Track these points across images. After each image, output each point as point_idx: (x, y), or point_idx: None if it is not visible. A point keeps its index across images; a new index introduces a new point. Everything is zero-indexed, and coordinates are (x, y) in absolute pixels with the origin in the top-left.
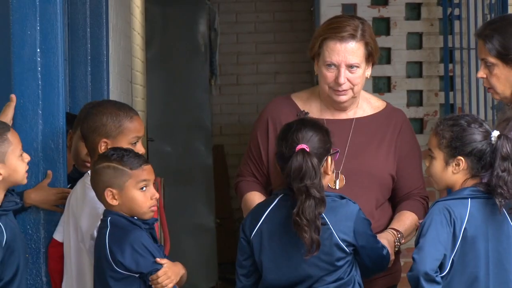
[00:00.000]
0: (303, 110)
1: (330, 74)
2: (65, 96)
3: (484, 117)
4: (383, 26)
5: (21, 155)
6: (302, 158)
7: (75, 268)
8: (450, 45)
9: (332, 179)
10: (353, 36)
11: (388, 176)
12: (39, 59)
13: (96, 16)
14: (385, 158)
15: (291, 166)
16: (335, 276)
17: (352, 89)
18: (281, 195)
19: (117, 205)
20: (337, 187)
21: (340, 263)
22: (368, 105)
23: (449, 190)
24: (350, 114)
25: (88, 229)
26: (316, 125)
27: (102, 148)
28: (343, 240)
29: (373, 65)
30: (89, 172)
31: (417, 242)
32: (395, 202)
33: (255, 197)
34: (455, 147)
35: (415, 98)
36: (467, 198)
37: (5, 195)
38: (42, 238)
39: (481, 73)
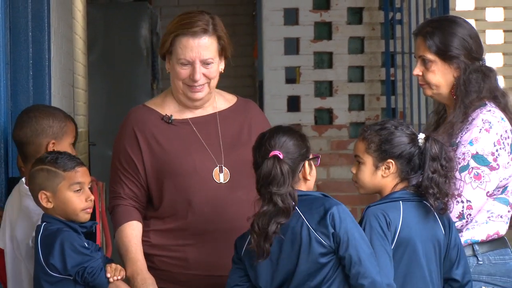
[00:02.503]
0: (166, 114)
1: (184, 71)
2: (7, 100)
3: (426, 121)
4: (325, 30)
5: None
6: (272, 164)
7: (11, 277)
8: (391, 49)
9: (312, 184)
10: (205, 31)
11: None
12: None
13: (38, 20)
14: None
15: (261, 172)
16: (321, 275)
17: (208, 83)
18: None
19: (52, 208)
20: (222, 181)
21: (323, 260)
22: (222, 98)
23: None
24: (209, 109)
25: (24, 237)
26: (291, 131)
27: (50, 149)
28: (321, 234)
29: (225, 59)
30: (23, 179)
31: None
32: None
33: (133, 232)
34: (385, 150)
35: (357, 102)
36: (398, 201)
37: None
38: None
39: (417, 70)
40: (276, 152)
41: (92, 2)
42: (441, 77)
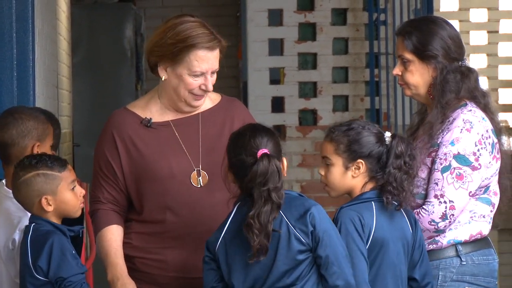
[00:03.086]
0: (146, 117)
1: (196, 82)
2: None
3: (410, 121)
4: (309, 31)
5: None
6: (268, 162)
7: None
8: (375, 50)
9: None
10: (219, 42)
11: None
12: None
13: (22, 21)
14: None
15: (257, 171)
16: (297, 272)
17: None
18: (238, 204)
19: (52, 210)
20: (202, 185)
21: (300, 257)
22: (206, 98)
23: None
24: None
25: (4, 240)
26: (267, 130)
27: (36, 152)
28: (300, 231)
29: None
30: (3, 181)
31: None
32: None
33: (112, 236)
34: (354, 150)
35: (341, 103)
36: (370, 201)
37: None
38: None
39: (397, 70)
40: (266, 150)
41: (77, 3)
42: (419, 77)
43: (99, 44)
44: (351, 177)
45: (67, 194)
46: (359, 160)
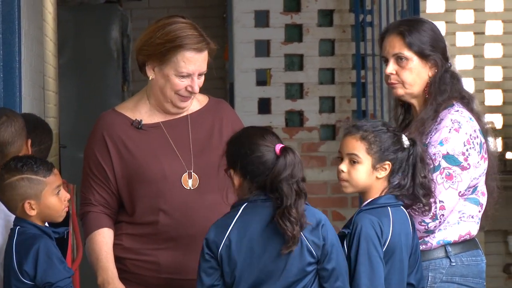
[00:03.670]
0: (136, 119)
1: (182, 83)
2: None
3: None
4: (296, 32)
5: None
6: (293, 154)
7: None
8: (362, 51)
9: None
10: (207, 45)
11: None
12: None
13: (8, 22)
14: None
15: (285, 164)
16: (302, 283)
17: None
18: (244, 204)
19: (35, 214)
20: (192, 187)
21: (309, 269)
22: (194, 99)
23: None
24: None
25: (1, 240)
26: (265, 128)
27: (30, 148)
28: (313, 243)
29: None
30: None
31: (355, 256)
32: None
33: (103, 240)
34: (385, 153)
35: (328, 104)
36: (386, 206)
37: None
38: None
39: (391, 69)
40: (282, 145)
41: (63, 5)
42: (416, 75)
43: (85, 45)
44: (376, 178)
45: (51, 199)
46: (387, 162)
